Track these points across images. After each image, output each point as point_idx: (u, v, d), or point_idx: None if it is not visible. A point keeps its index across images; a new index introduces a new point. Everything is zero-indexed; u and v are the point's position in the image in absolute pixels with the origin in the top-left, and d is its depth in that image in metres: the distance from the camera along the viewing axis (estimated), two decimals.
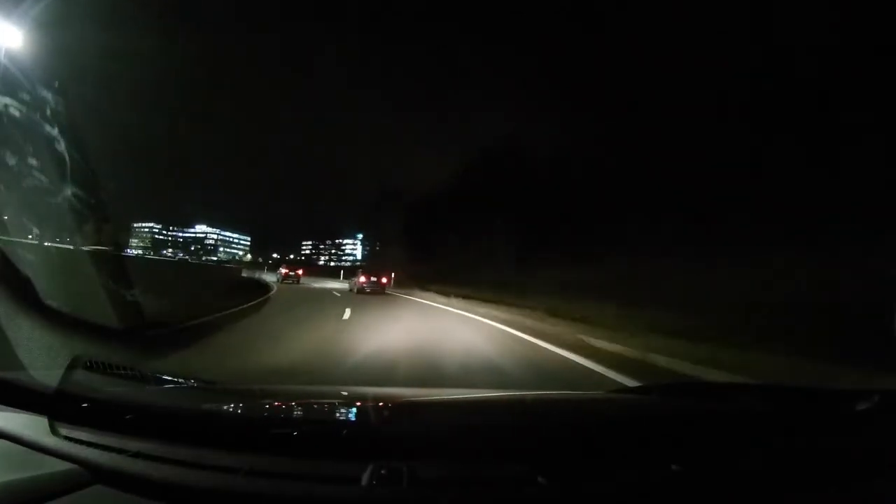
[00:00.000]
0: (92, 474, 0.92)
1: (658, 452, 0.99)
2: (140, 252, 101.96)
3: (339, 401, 1.64)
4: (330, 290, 21.13)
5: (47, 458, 0.97)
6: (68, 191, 13.59)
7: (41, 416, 1.09)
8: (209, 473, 0.91)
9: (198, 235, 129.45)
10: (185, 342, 5.50)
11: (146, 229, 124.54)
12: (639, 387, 2.25)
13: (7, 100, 12.92)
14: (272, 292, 16.14)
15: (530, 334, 7.63)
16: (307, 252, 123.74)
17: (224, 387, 2.12)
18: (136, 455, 0.96)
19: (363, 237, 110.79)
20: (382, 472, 0.88)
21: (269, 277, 28.48)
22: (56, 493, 0.86)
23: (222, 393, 1.78)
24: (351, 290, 19.80)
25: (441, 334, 7.53)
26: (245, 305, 10.27)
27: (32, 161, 14.10)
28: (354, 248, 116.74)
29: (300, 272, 29.32)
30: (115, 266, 7.11)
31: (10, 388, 1.17)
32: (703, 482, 0.92)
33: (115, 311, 5.25)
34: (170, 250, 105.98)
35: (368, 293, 18.43)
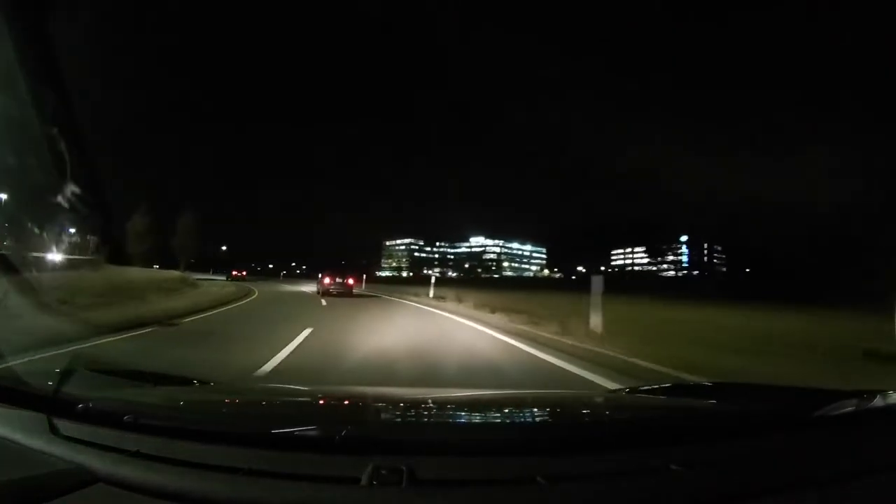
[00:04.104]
0: (92, 473, 0.91)
1: (657, 452, 0.98)
2: (391, 273, 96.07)
3: (339, 400, 1.65)
4: None
5: (47, 457, 0.97)
6: None
7: (41, 416, 1.09)
8: (209, 473, 0.90)
9: (473, 250, 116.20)
10: None
11: (401, 247, 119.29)
12: (638, 387, 2.04)
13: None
14: None
15: None
16: (618, 262, 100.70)
17: (224, 386, 2.15)
18: (136, 454, 0.95)
19: (689, 239, 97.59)
20: (382, 471, 0.87)
21: None
22: (56, 492, 0.86)
23: (222, 392, 1.78)
24: (318, 292, 18.96)
25: None
26: None
27: None
28: (679, 253, 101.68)
29: (244, 273, 48.65)
30: None
31: (10, 387, 1.18)
32: (701, 482, 0.92)
33: None
34: (436, 269, 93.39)
35: (334, 295, 17.84)
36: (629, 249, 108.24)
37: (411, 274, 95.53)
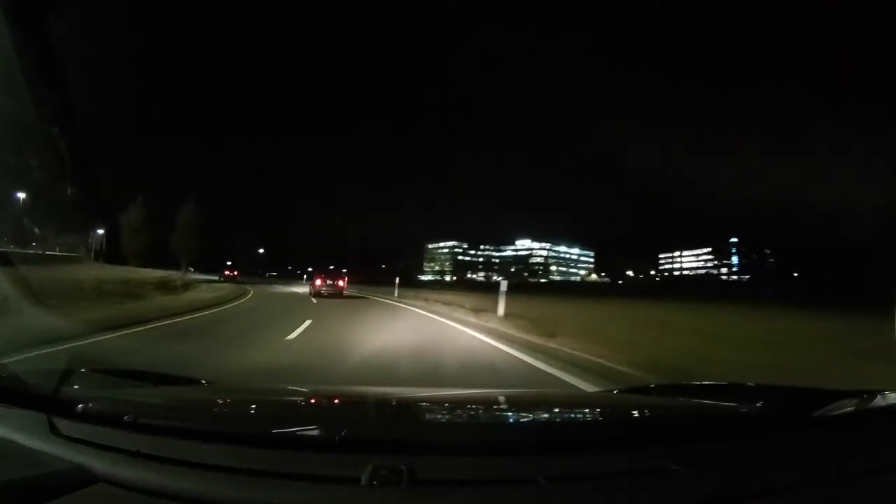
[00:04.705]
0: (92, 473, 0.91)
1: (657, 452, 0.98)
2: (433, 277, 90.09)
3: (339, 400, 1.66)
4: None
5: (47, 457, 0.96)
6: None
7: (41, 415, 1.08)
8: (209, 473, 0.90)
9: (519, 253, 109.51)
10: None
11: (444, 250, 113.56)
12: (639, 387, 2.16)
13: None
14: None
15: None
16: (667, 266, 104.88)
17: (224, 386, 2.22)
18: (136, 454, 0.95)
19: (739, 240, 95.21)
20: (382, 471, 0.87)
21: None
22: (56, 492, 0.86)
23: (222, 392, 1.78)
24: (310, 293, 19.51)
25: None
26: None
27: None
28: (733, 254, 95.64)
29: (236, 273, 40.38)
30: None
31: (9, 386, 1.18)
32: (701, 482, 0.91)
33: None
34: (480, 273, 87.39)
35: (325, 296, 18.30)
36: (678, 253, 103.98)
37: (454, 278, 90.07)
